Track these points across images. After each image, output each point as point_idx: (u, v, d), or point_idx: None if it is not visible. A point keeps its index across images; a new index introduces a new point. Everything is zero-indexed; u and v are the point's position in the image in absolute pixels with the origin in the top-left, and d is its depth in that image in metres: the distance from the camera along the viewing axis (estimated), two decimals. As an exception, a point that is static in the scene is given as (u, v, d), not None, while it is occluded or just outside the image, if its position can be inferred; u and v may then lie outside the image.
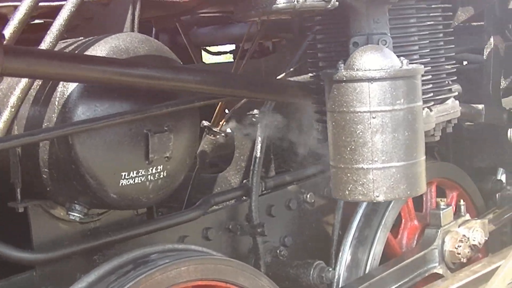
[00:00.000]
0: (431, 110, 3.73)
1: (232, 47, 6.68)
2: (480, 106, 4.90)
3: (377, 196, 3.18)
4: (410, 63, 3.26)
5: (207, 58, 6.99)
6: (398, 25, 3.57)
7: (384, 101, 3.21)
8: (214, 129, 4.40)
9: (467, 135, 5.42)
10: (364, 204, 4.53)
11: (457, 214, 4.90)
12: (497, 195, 5.43)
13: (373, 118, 3.21)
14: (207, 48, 6.47)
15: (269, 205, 4.20)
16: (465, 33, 5.24)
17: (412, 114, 3.25)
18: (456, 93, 4.02)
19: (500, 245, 5.17)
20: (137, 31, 3.46)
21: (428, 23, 3.73)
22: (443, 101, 3.90)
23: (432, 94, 3.68)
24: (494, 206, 5.37)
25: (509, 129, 4.66)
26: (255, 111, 4.13)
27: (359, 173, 3.20)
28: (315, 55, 3.80)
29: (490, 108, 4.93)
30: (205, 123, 4.41)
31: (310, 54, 3.91)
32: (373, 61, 3.26)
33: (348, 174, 3.20)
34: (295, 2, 3.11)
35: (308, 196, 4.38)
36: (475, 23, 5.27)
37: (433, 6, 3.78)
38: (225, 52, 6.97)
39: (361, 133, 3.23)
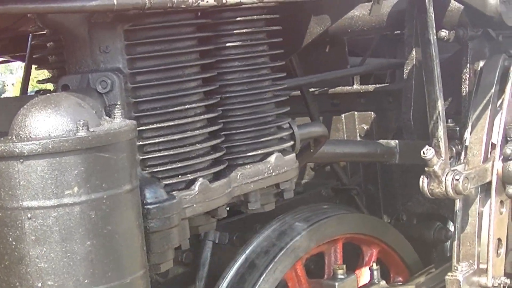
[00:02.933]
0: (212, 181, 2.30)
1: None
2: (394, 143, 3.38)
3: None
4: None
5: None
6: (154, 53, 2.19)
7: (43, 191, 1.82)
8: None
9: (399, 173, 3.88)
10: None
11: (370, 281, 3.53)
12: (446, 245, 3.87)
13: (28, 218, 1.83)
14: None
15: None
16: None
17: (99, 210, 1.87)
18: (289, 144, 2.56)
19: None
20: None
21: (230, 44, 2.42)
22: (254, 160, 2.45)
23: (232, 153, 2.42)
24: (441, 259, 3.89)
25: (422, 177, 3.12)
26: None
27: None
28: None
29: (409, 145, 3.40)
30: None
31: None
32: (33, 126, 1.87)
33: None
34: None
35: None
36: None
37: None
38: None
39: (15, 243, 1.86)
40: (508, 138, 3.44)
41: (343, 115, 4.01)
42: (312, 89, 4.12)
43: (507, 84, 3.49)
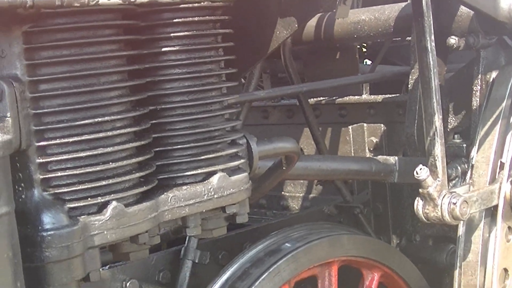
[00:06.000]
0: (132, 204, 1.91)
1: None
2: (393, 159, 2.93)
3: None
4: None
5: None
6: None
7: None
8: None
9: (409, 191, 3.41)
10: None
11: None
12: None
13: None
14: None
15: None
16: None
17: None
18: (239, 162, 2.15)
19: None
20: None
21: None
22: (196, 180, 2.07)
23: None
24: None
25: (417, 199, 2.65)
26: None
27: None
28: None
29: (410, 162, 2.95)
30: None
31: None
32: None
33: None
34: None
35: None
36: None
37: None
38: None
39: None
40: (519, 158, 2.93)
41: (350, 127, 3.55)
42: (321, 98, 3.68)
43: (520, 98, 2.97)
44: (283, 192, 3.85)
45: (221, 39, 2.23)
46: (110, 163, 1.93)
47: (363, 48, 4.67)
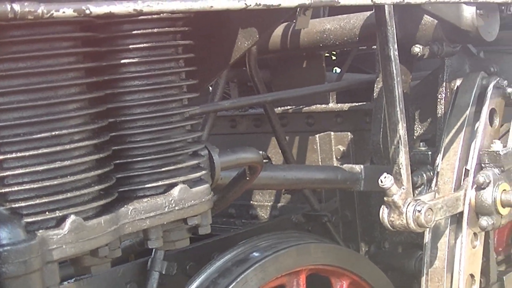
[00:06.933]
0: (92, 217, 1.90)
1: None
2: (359, 168, 2.93)
3: None
4: None
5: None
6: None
7: None
8: None
9: (378, 198, 3.41)
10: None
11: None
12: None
13: None
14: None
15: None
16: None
17: None
18: (201, 174, 2.14)
19: None
20: None
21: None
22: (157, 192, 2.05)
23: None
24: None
25: (382, 207, 2.66)
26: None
27: None
28: None
29: (376, 170, 2.95)
30: None
31: None
32: None
33: None
34: None
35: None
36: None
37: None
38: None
39: None
40: (483, 165, 2.94)
41: (317, 136, 3.55)
42: (288, 107, 3.68)
43: (484, 105, 2.98)
44: (251, 201, 3.85)
45: (182, 50, 2.22)
46: (68, 177, 1.91)
47: (332, 56, 4.68)
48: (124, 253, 2.98)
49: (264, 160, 3.61)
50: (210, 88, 3.41)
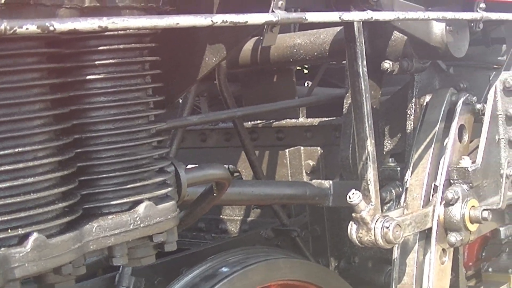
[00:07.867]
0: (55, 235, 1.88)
1: None
2: (327, 183, 2.93)
3: None
4: None
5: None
6: None
7: None
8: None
9: (347, 213, 3.40)
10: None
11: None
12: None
13: None
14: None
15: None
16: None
17: None
18: (167, 191, 2.13)
19: None
20: None
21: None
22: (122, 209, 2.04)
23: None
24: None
25: (350, 223, 2.65)
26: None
27: None
28: None
29: (345, 186, 2.95)
30: None
31: None
32: None
33: None
34: None
35: None
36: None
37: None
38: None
39: None
40: (452, 181, 2.95)
41: (287, 150, 3.55)
42: (258, 122, 3.68)
43: (453, 121, 3.00)
44: (221, 216, 3.84)
45: (149, 66, 2.21)
46: (32, 194, 1.89)
47: (304, 70, 4.69)
48: (91, 267, 2.97)
49: (235, 174, 3.61)
50: (180, 101, 3.40)
